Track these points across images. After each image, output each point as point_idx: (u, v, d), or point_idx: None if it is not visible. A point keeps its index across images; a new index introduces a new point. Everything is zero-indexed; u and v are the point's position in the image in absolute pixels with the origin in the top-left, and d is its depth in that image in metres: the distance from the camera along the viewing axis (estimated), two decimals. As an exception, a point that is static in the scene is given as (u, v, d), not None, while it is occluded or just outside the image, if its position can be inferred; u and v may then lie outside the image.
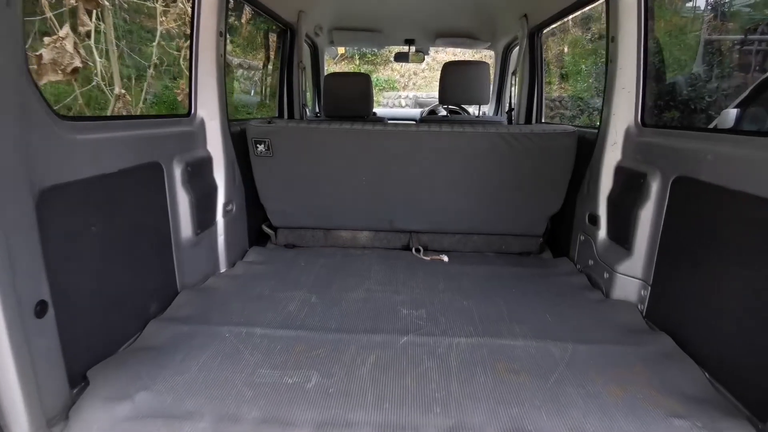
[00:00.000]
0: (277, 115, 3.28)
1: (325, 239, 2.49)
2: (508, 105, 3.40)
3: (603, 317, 1.68)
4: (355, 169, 2.20)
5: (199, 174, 1.91)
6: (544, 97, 3.18)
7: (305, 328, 1.56)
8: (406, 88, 12.41)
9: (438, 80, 3.01)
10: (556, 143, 2.07)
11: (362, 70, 12.46)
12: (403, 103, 10.94)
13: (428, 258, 2.30)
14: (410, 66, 12.83)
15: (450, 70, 2.93)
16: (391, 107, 11.08)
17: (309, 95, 4.22)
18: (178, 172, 1.74)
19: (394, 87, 12.40)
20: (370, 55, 12.69)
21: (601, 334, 1.57)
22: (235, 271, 2.10)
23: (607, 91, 1.96)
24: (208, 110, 1.99)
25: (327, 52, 4.23)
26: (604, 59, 1.99)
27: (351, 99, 2.91)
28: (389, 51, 12.86)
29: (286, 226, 2.48)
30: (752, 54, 4.80)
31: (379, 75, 12.55)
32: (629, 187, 1.83)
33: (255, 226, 2.50)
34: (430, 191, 2.25)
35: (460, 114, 3.43)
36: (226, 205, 2.10)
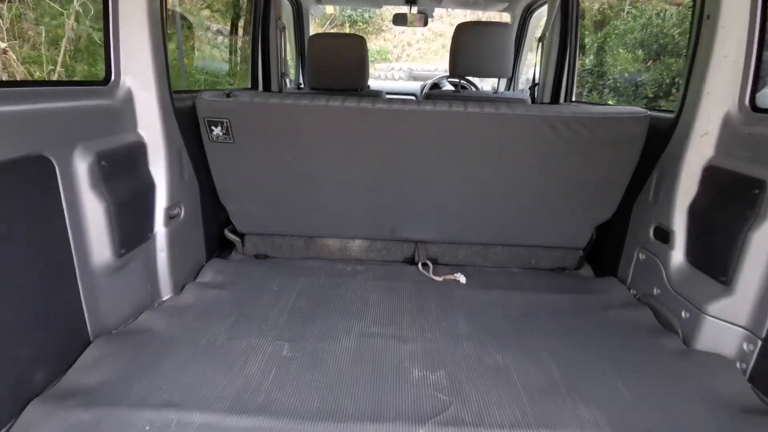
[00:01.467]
0: (250, 87, 2.67)
1: (306, 249, 1.95)
2: (530, 79, 2.83)
3: (699, 386, 1.19)
4: (345, 160, 1.64)
5: (123, 169, 1.34)
6: (576, 70, 2.61)
7: (270, 413, 1.04)
8: (400, 60, 11.66)
9: (434, 52, 2.41)
10: (621, 130, 1.52)
11: (353, 39, 11.66)
12: (396, 76, 10.22)
13: (440, 278, 1.78)
14: (404, 36, 12.03)
15: (465, 33, 2.32)
16: (384, 80, 10.36)
17: (291, 64, 3.59)
18: (82, 169, 1.18)
19: (386, 58, 11.63)
20: (361, 23, 11.84)
21: (703, 419, 1.08)
22: (182, 299, 1.56)
23: (696, 60, 1.42)
24: (138, 77, 1.40)
25: (312, 11, 3.58)
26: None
27: (341, 67, 2.30)
28: (382, 19, 12.03)
29: (255, 232, 1.93)
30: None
31: (371, 45, 11.74)
32: (730, 197, 1.31)
33: (216, 231, 1.94)
34: (443, 191, 1.71)
35: (468, 89, 2.73)
36: (170, 209, 1.54)
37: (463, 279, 1.77)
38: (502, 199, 1.72)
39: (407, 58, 11.63)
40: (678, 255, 1.49)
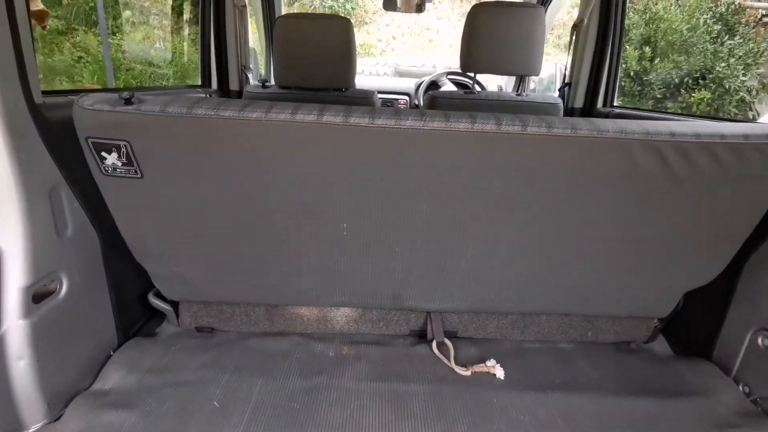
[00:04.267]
0: (200, 84, 2.04)
1: (269, 320, 1.36)
2: (560, 78, 2.27)
3: None
4: (325, 201, 1.04)
5: None
6: (620, 68, 2.07)
7: None
8: (384, 54, 11.03)
9: (420, 46, 1.81)
10: (752, 162, 0.97)
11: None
12: (382, 72, 9.58)
13: (467, 371, 1.21)
14: (389, 30, 11.41)
15: (483, 17, 1.73)
16: (367, 75, 9.72)
17: (260, 53, 2.96)
18: None
19: (370, 53, 10.99)
20: (342, 14, 11.16)
21: None
22: (60, 428, 0.95)
23: None
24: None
25: (285, -8, 2.96)
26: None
27: (319, 60, 1.70)
28: (365, 11, 11.39)
29: (192, 299, 1.32)
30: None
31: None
32: None
33: (138, 293, 1.34)
34: (469, 245, 1.12)
35: (474, 90, 2.05)
36: (33, 286, 0.94)
37: (500, 372, 1.21)
38: (554, 257, 1.15)
39: (392, 53, 11.02)
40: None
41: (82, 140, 0.91)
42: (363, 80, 3.53)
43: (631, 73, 5.71)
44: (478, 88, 2.72)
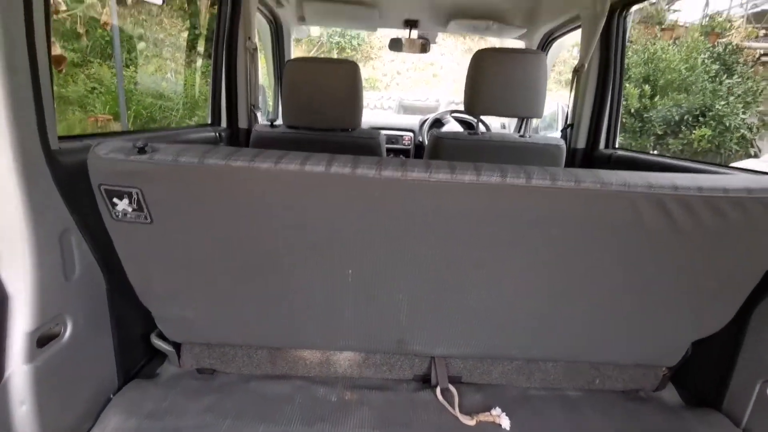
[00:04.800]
0: (210, 123, 2.09)
1: (271, 363, 1.34)
2: (562, 116, 2.32)
3: None
4: (330, 247, 1.05)
5: None
6: (621, 110, 2.11)
7: None
8: (389, 88, 11.30)
9: (424, 81, 1.87)
10: (755, 216, 0.97)
11: (341, 67, 11.29)
12: (386, 105, 9.80)
13: (472, 420, 1.19)
14: (394, 65, 11.73)
15: (486, 63, 1.78)
16: (372, 109, 9.94)
17: (270, 92, 3.05)
18: None
19: (375, 86, 11.25)
20: (349, 50, 11.50)
21: None
22: None
23: None
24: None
25: (295, 33, 3.06)
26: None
27: (327, 102, 1.75)
28: (371, 47, 11.73)
29: (195, 341, 1.32)
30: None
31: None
32: None
33: (139, 334, 1.33)
34: (475, 291, 1.12)
35: (478, 131, 2.05)
36: (39, 330, 0.94)
37: (506, 422, 1.18)
38: (559, 303, 1.14)
39: (397, 87, 11.28)
40: None
41: (95, 187, 0.93)
42: (369, 116, 3.60)
43: (632, 110, 5.80)
44: (482, 128, 2.77)
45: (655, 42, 6.41)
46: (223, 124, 2.11)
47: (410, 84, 11.28)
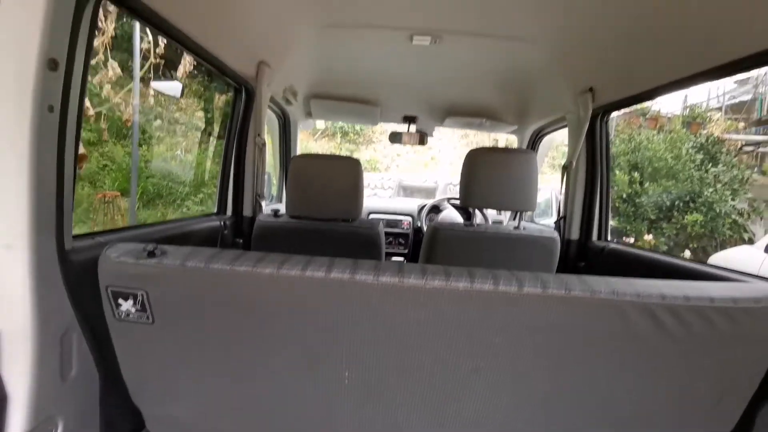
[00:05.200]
0: (216, 212, 2.18)
1: None
2: (556, 203, 2.40)
3: None
4: (327, 352, 1.05)
5: None
6: (609, 204, 2.21)
7: None
8: (389, 170, 11.75)
9: (423, 164, 1.99)
10: (742, 326, 0.99)
11: (343, 149, 11.85)
12: (386, 185, 10.13)
13: None
14: (394, 148, 12.30)
15: (479, 161, 1.91)
16: (373, 188, 10.26)
17: (274, 179, 3.19)
18: None
19: (376, 168, 11.72)
20: (352, 134, 12.14)
21: None
22: None
23: None
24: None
25: (302, 125, 3.28)
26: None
27: (329, 196, 1.85)
28: (372, 130, 12.39)
29: None
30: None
31: (361, 155, 11.91)
32: None
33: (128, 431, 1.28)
34: (470, 396, 1.10)
35: (474, 222, 2.11)
36: None
37: None
38: (556, 411, 1.12)
39: (397, 169, 11.73)
40: None
41: (102, 287, 0.96)
42: (369, 200, 3.73)
43: (624, 196, 6.00)
44: (479, 218, 2.87)
45: (641, 132, 6.80)
46: (229, 212, 2.19)
47: (409, 166, 11.75)
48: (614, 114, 2.15)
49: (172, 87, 3.76)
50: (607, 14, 1.62)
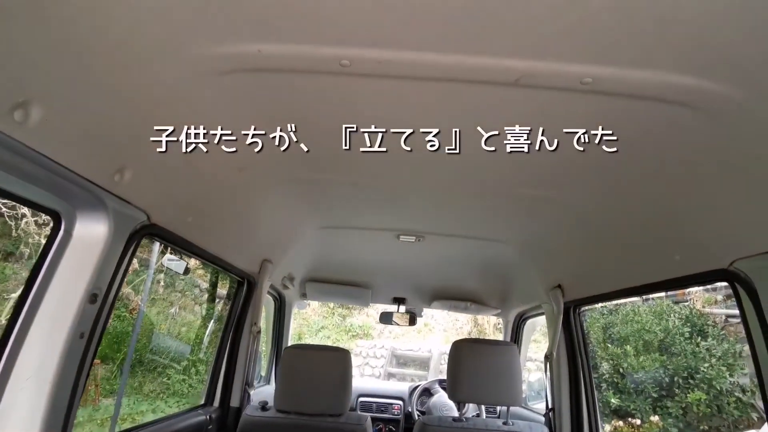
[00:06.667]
0: (203, 403, 2.16)
1: None
2: (545, 403, 2.40)
3: None
4: None
5: None
6: (595, 395, 2.23)
7: None
8: (382, 336, 11.54)
9: (417, 331, 2.05)
10: None
11: (336, 315, 11.82)
12: (378, 354, 9.87)
13: None
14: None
15: (464, 352, 2.02)
16: (365, 357, 9.96)
17: (264, 363, 3.20)
18: None
19: (368, 334, 11.53)
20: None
21: None
22: None
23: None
24: None
25: (296, 305, 3.43)
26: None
27: (318, 388, 1.90)
28: (366, 296, 12.52)
29: None
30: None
31: (354, 320, 11.85)
32: None
33: None
34: None
35: (462, 417, 2.05)
36: None
37: None
38: None
39: (389, 335, 11.54)
40: None
41: None
42: (359, 381, 3.67)
43: (621, 370, 5.87)
44: (471, 409, 2.86)
45: (626, 303, 6.98)
46: (216, 402, 2.17)
47: (402, 332, 11.57)
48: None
49: (177, 265, 4.03)
50: (572, 223, 1.81)
